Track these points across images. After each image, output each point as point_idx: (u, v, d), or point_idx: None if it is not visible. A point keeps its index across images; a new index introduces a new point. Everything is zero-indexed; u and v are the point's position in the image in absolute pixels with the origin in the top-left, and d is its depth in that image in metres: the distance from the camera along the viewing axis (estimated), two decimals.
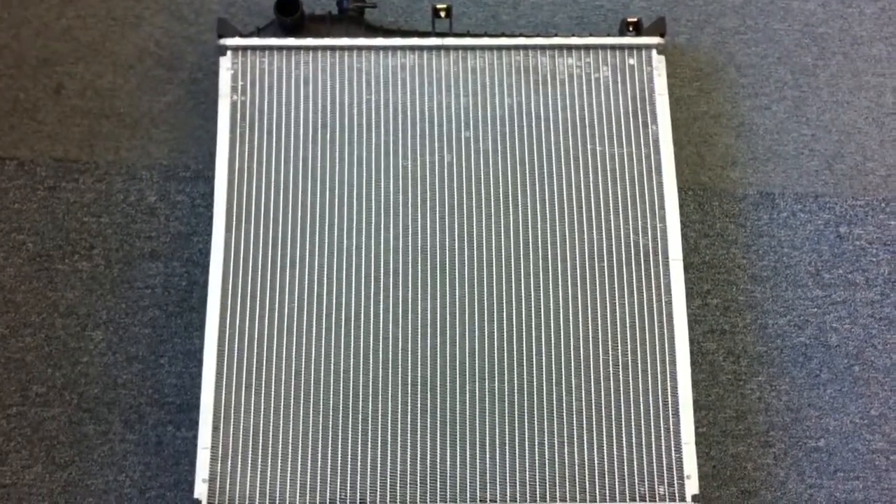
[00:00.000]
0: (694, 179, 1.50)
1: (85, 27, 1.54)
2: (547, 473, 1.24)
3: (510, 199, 1.35)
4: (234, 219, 1.33)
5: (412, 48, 1.42)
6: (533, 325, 1.30)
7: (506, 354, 1.28)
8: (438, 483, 1.24)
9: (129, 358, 1.39)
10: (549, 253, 1.33)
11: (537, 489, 1.24)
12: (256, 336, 1.28)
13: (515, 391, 1.27)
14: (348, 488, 1.24)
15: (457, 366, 1.28)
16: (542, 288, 1.31)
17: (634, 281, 1.32)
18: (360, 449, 1.25)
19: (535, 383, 1.27)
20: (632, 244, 1.33)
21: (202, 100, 1.50)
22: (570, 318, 1.30)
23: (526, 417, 1.26)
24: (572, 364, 1.28)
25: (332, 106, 1.39)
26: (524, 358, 1.28)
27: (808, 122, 1.54)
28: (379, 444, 1.25)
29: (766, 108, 1.55)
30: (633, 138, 1.38)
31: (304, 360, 1.28)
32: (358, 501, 1.23)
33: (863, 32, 1.58)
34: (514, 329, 1.30)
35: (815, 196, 1.50)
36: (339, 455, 1.25)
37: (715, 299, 1.44)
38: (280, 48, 1.41)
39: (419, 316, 1.30)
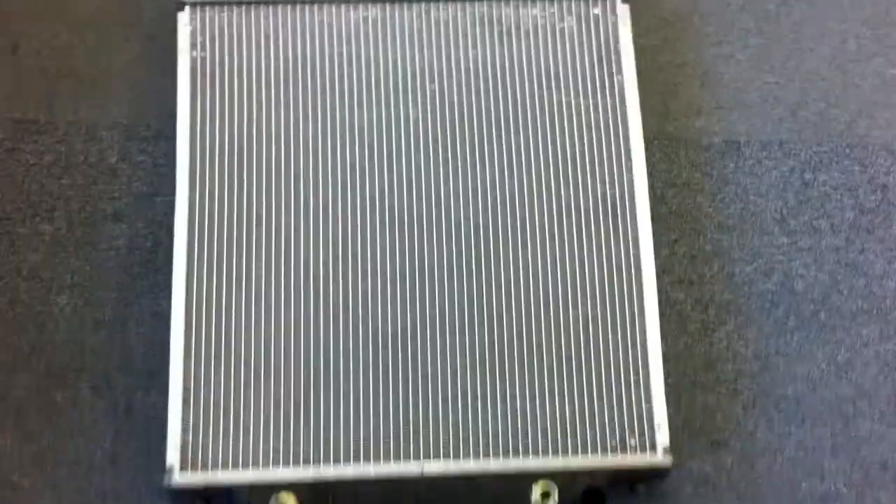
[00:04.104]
0: (660, 129, 1.50)
1: None
2: (519, 427, 1.24)
3: (476, 151, 1.34)
4: (198, 178, 1.31)
5: (374, 1, 1.40)
6: (502, 280, 1.29)
7: (475, 309, 1.28)
8: (412, 438, 1.24)
9: (95, 322, 1.37)
10: (517, 205, 1.32)
11: (510, 443, 1.24)
12: (224, 296, 1.27)
13: (486, 345, 1.27)
14: (322, 447, 1.23)
15: (426, 322, 1.27)
16: (509, 241, 1.31)
17: (602, 232, 1.32)
18: (332, 407, 1.24)
19: (504, 338, 1.27)
20: (598, 195, 1.33)
21: (161, 57, 1.47)
22: (539, 271, 1.30)
23: (497, 372, 1.26)
24: (542, 318, 1.28)
25: (294, 61, 1.37)
26: (493, 313, 1.28)
27: (771, 69, 1.55)
28: (351, 402, 1.24)
29: (730, 56, 1.55)
30: (599, 89, 1.38)
31: (273, 319, 1.27)
32: (332, 460, 1.23)
33: None
34: (483, 283, 1.29)
35: (780, 143, 1.51)
36: (312, 415, 1.24)
37: (682, 248, 1.45)
38: (240, 3, 1.38)
39: (388, 273, 1.29)
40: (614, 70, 1.39)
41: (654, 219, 1.35)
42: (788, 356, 1.40)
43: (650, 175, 1.37)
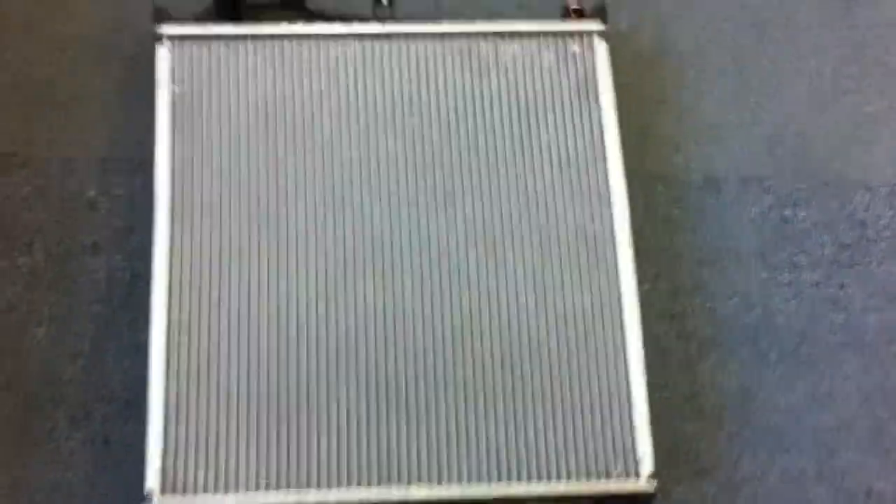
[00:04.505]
0: (639, 165, 1.50)
1: (16, 15, 1.51)
2: (504, 455, 1.23)
3: (456, 185, 1.34)
4: (177, 211, 1.30)
5: (354, 36, 1.40)
6: (484, 313, 1.29)
7: (459, 341, 1.27)
8: (396, 464, 1.22)
9: (73, 354, 1.35)
10: (499, 238, 1.32)
11: (495, 470, 1.23)
12: (205, 326, 1.26)
13: (471, 377, 1.26)
14: (305, 475, 1.21)
15: (410, 350, 1.26)
16: (492, 275, 1.30)
17: (584, 267, 1.32)
18: (314, 432, 1.23)
19: (490, 370, 1.26)
20: (579, 229, 1.33)
21: (140, 89, 1.46)
22: (523, 305, 1.29)
23: (483, 403, 1.25)
24: (526, 350, 1.28)
25: (273, 95, 1.36)
26: (477, 345, 1.27)
27: (749, 107, 1.56)
28: (335, 428, 1.23)
29: (708, 93, 1.56)
30: (578, 124, 1.38)
31: (253, 350, 1.25)
32: (314, 485, 1.21)
33: (801, 18, 1.61)
34: (467, 316, 1.28)
35: (758, 180, 1.52)
36: (293, 440, 1.23)
37: (664, 283, 1.45)
38: (220, 37, 1.38)
39: (369, 304, 1.28)
40: (593, 106, 1.39)
41: (636, 253, 1.36)
42: (771, 388, 1.40)
43: (631, 210, 1.37)
